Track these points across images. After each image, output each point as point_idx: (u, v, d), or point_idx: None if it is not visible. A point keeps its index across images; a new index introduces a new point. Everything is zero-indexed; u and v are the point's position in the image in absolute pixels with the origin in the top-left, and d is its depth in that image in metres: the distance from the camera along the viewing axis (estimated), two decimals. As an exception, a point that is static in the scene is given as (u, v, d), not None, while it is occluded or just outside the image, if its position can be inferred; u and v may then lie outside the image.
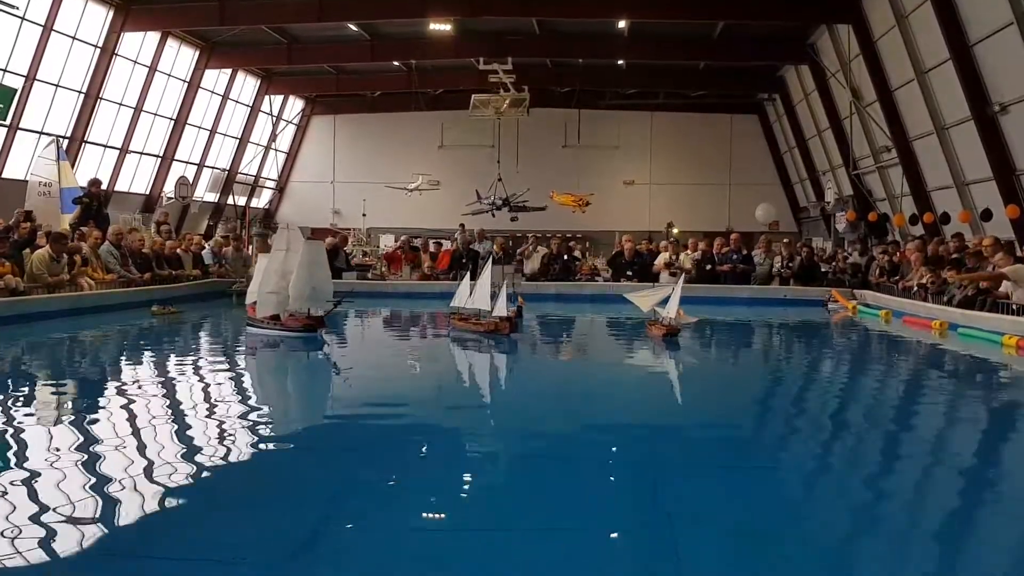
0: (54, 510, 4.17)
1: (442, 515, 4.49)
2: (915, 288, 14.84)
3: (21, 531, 3.86)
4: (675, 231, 27.77)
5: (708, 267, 18.46)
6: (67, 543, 3.80)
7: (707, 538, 4.07)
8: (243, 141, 32.82)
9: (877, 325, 14.33)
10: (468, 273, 13.50)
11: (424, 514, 4.41)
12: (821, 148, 28.57)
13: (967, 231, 18.44)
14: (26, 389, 8.02)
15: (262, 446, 5.80)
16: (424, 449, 5.84)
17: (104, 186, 22.73)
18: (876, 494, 4.99)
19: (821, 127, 27.62)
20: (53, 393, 7.86)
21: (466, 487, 4.97)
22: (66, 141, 21.80)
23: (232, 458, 5.43)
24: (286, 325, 10.86)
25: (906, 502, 4.85)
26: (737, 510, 4.51)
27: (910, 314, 14.19)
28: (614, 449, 5.94)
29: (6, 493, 4.41)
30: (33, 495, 4.41)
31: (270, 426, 6.43)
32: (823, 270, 19.12)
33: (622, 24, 24.32)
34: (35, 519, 4.02)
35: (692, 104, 33.62)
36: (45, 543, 3.74)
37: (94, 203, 16.64)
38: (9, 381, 8.36)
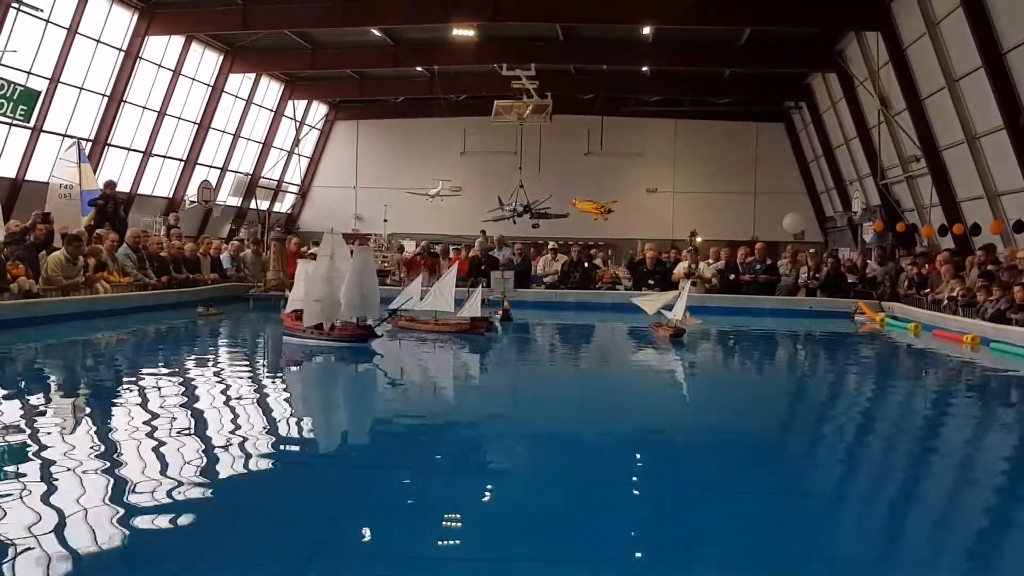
0: (70, 516, 4.14)
1: (451, 540, 4.29)
2: (945, 301, 14.46)
3: (36, 538, 3.82)
4: (698, 240, 27.44)
5: (732, 276, 18.15)
6: (82, 550, 3.76)
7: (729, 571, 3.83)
8: (266, 146, 32.86)
9: (906, 338, 13.96)
10: (420, 277, 13.48)
11: (432, 538, 4.19)
12: (848, 157, 28.12)
13: (999, 243, 17.99)
14: (46, 393, 7.94)
15: (288, 458, 5.69)
16: (443, 465, 5.67)
17: (122, 188, 22.82)
18: (906, 522, 4.70)
19: (848, 136, 27.19)
20: (75, 398, 7.76)
21: (479, 509, 4.75)
22: (89, 144, 21.86)
23: (254, 468, 5.32)
24: (335, 334, 10.42)
25: (938, 531, 4.57)
26: (760, 538, 4.25)
27: (940, 327, 13.82)
28: (633, 468, 5.70)
29: (24, 496, 4.41)
30: (51, 500, 4.39)
31: (302, 437, 6.37)
32: (850, 281, 18.72)
33: (647, 30, 24.06)
34: (50, 524, 4.01)
35: (717, 112, 33.26)
36: (57, 551, 3.71)
37: (109, 205, 16.59)
38: (30, 385, 8.30)
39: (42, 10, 19.17)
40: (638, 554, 4.08)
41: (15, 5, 18.18)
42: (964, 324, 13.15)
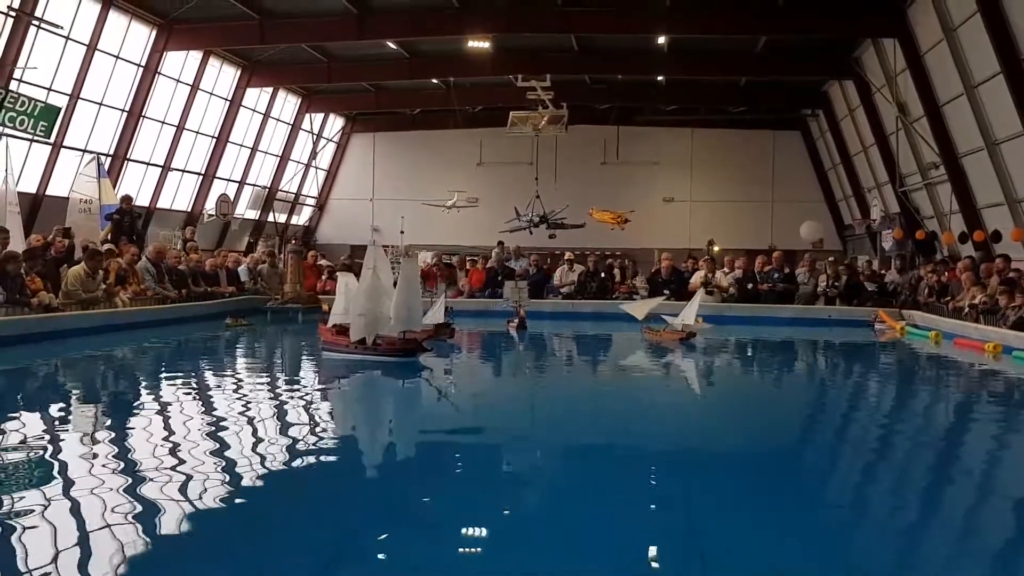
0: (89, 522, 4.25)
1: (467, 552, 4.27)
2: (966, 308, 14.31)
3: (62, 547, 3.89)
4: (716, 249, 27.32)
5: (749, 286, 18.05)
6: (99, 557, 3.80)
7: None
8: (284, 159, 33.05)
9: (926, 347, 13.83)
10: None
11: (448, 550, 4.17)
12: (866, 165, 27.95)
13: (1020, 250, 17.80)
14: (82, 406, 8.05)
15: (313, 468, 5.69)
16: (459, 476, 5.69)
17: (142, 203, 23.02)
18: (928, 536, 4.63)
19: (866, 143, 27.02)
20: (105, 409, 7.81)
21: (494, 520, 4.71)
22: (109, 159, 22.07)
23: (278, 478, 5.34)
24: (382, 349, 10.15)
25: (960, 544, 4.50)
26: (778, 549, 4.19)
27: (961, 335, 13.67)
28: (650, 477, 5.66)
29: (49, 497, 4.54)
30: (70, 508, 4.48)
31: (330, 448, 6.35)
32: (869, 289, 18.56)
33: (662, 40, 24.03)
34: (68, 530, 4.11)
35: (733, 120, 33.14)
36: (75, 556, 3.78)
37: (125, 219, 16.71)
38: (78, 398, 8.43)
39: (62, 27, 19.38)
40: (654, 564, 4.04)
41: (35, 23, 18.41)
42: (986, 332, 13.01)
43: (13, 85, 18.09)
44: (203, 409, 7.61)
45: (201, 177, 28.02)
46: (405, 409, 8.59)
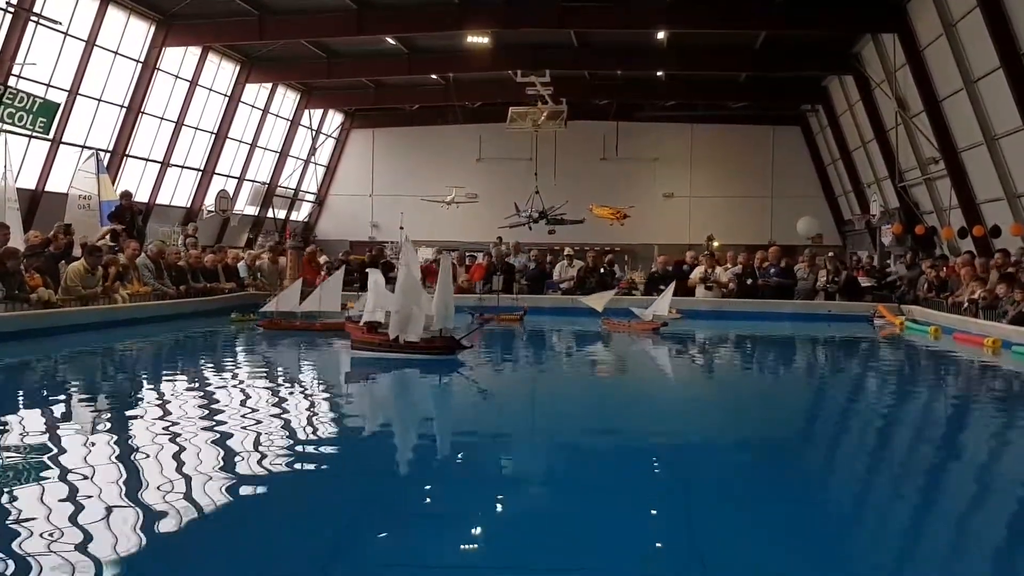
0: (89, 519, 4.24)
1: (466, 549, 4.27)
2: (965, 304, 14.31)
3: (60, 543, 3.89)
4: (715, 244, 27.32)
5: (749, 281, 18.03)
6: (98, 553, 3.80)
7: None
8: (283, 155, 33.04)
9: (926, 342, 13.83)
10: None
11: (448, 547, 4.17)
12: (866, 160, 27.96)
13: (1019, 245, 17.79)
14: (87, 402, 8.01)
15: (319, 467, 5.70)
16: (460, 474, 5.67)
17: (141, 199, 23.00)
18: (929, 535, 4.61)
19: (866, 138, 27.03)
20: (108, 406, 7.77)
21: (493, 518, 4.72)
22: (108, 155, 22.06)
23: (283, 477, 5.29)
24: (420, 347, 9.84)
25: (961, 543, 4.48)
26: (778, 550, 4.17)
27: (960, 331, 13.67)
28: (649, 476, 5.65)
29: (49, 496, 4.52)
30: (71, 505, 4.45)
31: (335, 447, 6.35)
32: (864, 284, 18.54)
33: (661, 35, 24.03)
34: (68, 527, 4.09)
35: (733, 115, 33.14)
36: (75, 553, 3.77)
37: (126, 215, 16.68)
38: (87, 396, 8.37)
39: (60, 23, 19.37)
40: (652, 566, 4.03)
41: (34, 18, 18.38)
42: (985, 327, 13.01)
43: (12, 81, 18.08)
44: (219, 406, 7.51)
45: (200, 173, 28.00)
46: (425, 407, 8.43)
